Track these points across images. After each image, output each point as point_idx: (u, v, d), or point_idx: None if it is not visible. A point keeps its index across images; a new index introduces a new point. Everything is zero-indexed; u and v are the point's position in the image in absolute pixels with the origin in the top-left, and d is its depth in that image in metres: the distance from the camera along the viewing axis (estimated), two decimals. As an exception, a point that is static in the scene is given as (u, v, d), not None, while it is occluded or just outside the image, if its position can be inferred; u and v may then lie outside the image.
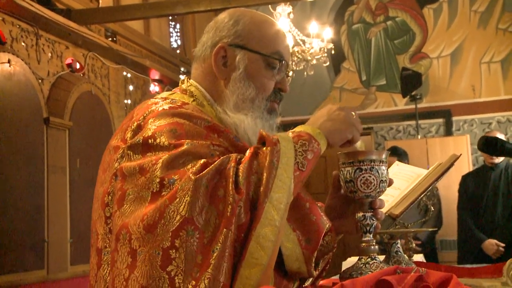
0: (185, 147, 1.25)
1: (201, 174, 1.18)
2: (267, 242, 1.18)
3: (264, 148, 1.27)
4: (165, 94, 1.54)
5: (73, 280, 5.21)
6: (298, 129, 1.37)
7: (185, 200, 1.15)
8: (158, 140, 1.27)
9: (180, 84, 1.58)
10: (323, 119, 1.39)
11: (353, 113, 1.43)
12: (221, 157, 1.24)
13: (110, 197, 1.30)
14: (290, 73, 1.60)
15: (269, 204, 1.20)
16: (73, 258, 5.31)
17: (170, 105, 1.38)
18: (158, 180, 1.21)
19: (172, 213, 1.15)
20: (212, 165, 1.21)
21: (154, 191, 1.20)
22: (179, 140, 1.26)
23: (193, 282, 1.12)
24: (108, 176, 1.34)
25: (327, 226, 1.40)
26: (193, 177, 1.17)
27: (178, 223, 1.14)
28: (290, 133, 1.35)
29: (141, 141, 1.29)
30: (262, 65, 1.49)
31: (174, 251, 1.13)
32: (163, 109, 1.35)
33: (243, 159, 1.24)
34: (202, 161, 1.22)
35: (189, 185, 1.17)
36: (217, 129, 1.36)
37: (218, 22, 1.54)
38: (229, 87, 1.48)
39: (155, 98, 1.47)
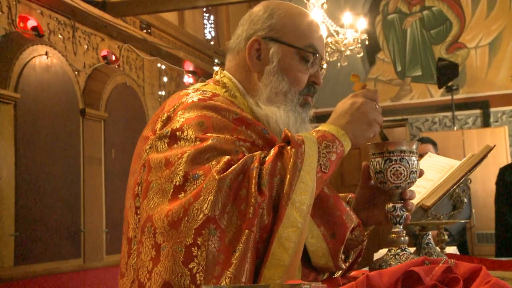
0: (210, 142, 1.25)
1: (225, 174, 1.19)
2: (289, 243, 1.19)
3: (289, 148, 1.26)
4: (198, 85, 1.55)
5: (108, 269, 5.30)
6: (323, 128, 1.37)
7: (208, 199, 1.16)
8: (185, 133, 1.28)
9: (213, 75, 1.58)
10: (347, 118, 1.38)
11: (377, 105, 1.41)
12: (245, 156, 1.24)
13: (139, 187, 1.32)
14: (324, 66, 1.58)
15: (291, 206, 1.20)
16: (108, 248, 5.41)
17: (200, 97, 1.38)
18: (182, 174, 1.22)
19: (196, 211, 1.16)
20: (236, 164, 1.21)
21: (177, 184, 1.22)
22: (205, 133, 1.27)
23: (214, 281, 1.13)
24: (138, 166, 1.36)
25: (354, 222, 1.40)
26: (217, 177, 1.18)
27: (201, 221, 1.15)
28: (314, 133, 1.34)
29: (169, 132, 1.30)
30: (296, 58, 1.48)
31: (196, 248, 1.15)
32: (193, 101, 1.36)
33: (267, 159, 1.24)
34: (226, 158, 1.22)
35: (213, 184, 1.18)
36: (245, 121, 1.36)
37: (252, 15, 1.54)
38: (263, 80, 1.48)
39: (187, 89, 1.48)
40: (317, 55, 1.50)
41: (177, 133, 1.29)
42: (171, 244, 1.17)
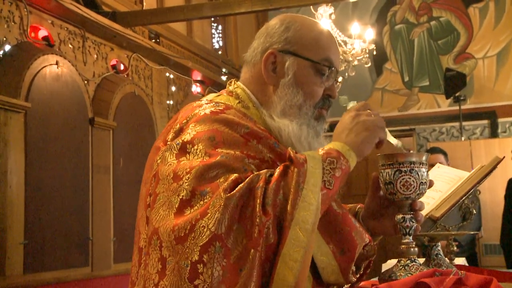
0: (219, 158, 1.26)
1: (232, 193, 1.19)
2: (293, 263, 1.19)
3: (292, 168, 1.26)
4: (211, 96, 1.55)
5: (116, 278, 5.31)
6: (327, 146, 1.37)
7: (215, 217, 1.17)
8: (195, 147, 1.29)
9: (227, 85, 1.59)
10: (346, 133, 1.39)
11: (369, 110, 1.42)
12: (252, 175, 1.24)
13: (150, 198, 1.33)
14: (340, 79, 1.59)
15: (295, 226, 1.20)
16: (116, 256, 5.42)
17: (212, 109, 1.39)
18: (190, 189, 1.23)
19: (202, 228, 1.17)
20: (243, 183, 1.22)
21: (184, 198, 1.22)
22: (215, 149, 1.28)
23: None
24: (150, 176, 1.37)
25: (365, 241, 1.40)
26: (223, 195, 1.19)
27: (207, 239, 1.16)
28: (320, 151, 1.34)
29: (179, 144, 1.31)
30: (312, 72, 1.49)
31: (202, 265, 1.15)
32: (205, 113, 1.37)
33: (272, 178, 1.25)
34: (234, 176, 1.23)
35: (220, 202, 1.18)
36: (257, 135, 1.37)
37: (269, 28, 1.55)
38: (278, 93, 1.48)
39: (201, 100, 1.49)
40: (333, 68, 1.51)
41: (188, 145, 1.30)
42: (176, 259, 1.18)
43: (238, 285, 1.14)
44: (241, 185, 1.21)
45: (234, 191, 1.20)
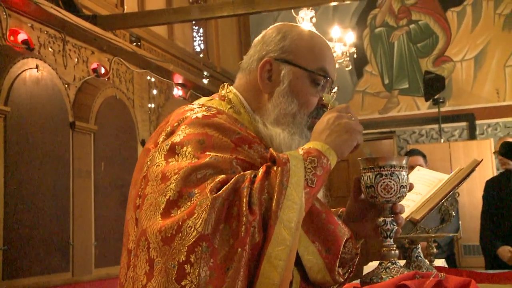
0: (207, 160, 1.27)
1: (218, 193, 1.20)
2: (278, 261, 1.20)
3: (275, 167, 1.28)
4: (203, 100, 1.56)
5: (97, 283, 5.28)
6: (307, 145, 1.38)
7: (202, 217, 1.17)
8: (184, 149, 1.30)
9: (220, 89, 1.59)
10: (326, 132, 1.39)
11: (350, 113, 1.43)
12: (237, 175, 1.25)
13: (139, 199, 1.34)
14: (335, 89, 1.60)
15: (280, 224, 1.21)
16: (98, 261, 5.38)
17: (204, 113, 1.40)
18: (177, 190, 1.23)
19: (189, 228, 1.17)
20: (229, 183, 1.23)
21: (171, 199, 1.23)
22: (204, 152, 1.29)
23: None
24: (139, 178, 1.37)
25: (346, 234, 1.42)
26: (210, 196, 1.20)
27: (194, 239, 1.16)
28: (300, 150, 1.35)
29: (169, 145, 1.32)
30: (307, 81, 1.49)
31: (189, 266, 1.16)
32: (196, 117, 1.38)
33: (256, 178, 1.26)
34: (221, 177, 1.24)
35: (207, 202, 1.19)
36: (248, 140, 1.38)
37: (266, 36, 1.56)
38: (272, 101, 1.49)
39: (193, 104, 1.50)
40: (328, 78, 1.52)
41: (177, 147, 1.31)
42: (164, 260, 1.18)
43: (225, 285, 1.15)
44: (227, 185, 1.22)
45: (221, 191, 1.21)
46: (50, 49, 5.11)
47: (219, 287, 1.15)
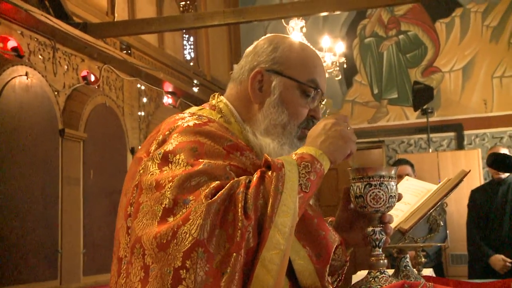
0: (201, 167, 1.28)
1: (213, 199, 1.21)
2: (272, 266, 1.21)
3: (270, 173, 1.29)
4: (193, 109, 1.57)
5: (85, 290, 5.25)
6: (300, 150, 1.39)
7: (197, 223, 1.19)
8: (177, 157, 1.31)
9: (210, 99, 1.60)
10: (321, 138, 1.40)
11: (346, 123, 1.44)
12: (232, 181, 1.26)
13: (131, 208, 1.34)
14: (324, 101, 1.61)
15: (274, 229, 1.23)
16: (86, 269, 5.35)
17: (196, 121, 1.41)
18: (172, 197, 1.24)
19: (185, 234, 1.18)
20: (223, 189, 1.24)
21: (167, 207, 1.24)
22: (197, 159, 1.30)
23: None
24: (131, 187, 1.38)
25: (336, 241, 1.43)
26: (205, 202, 1.21)
27: (189, 244, 1.17)
28: (293, 155, 1.37)
29: (161, 154, 1.33)
30: (297, 92, 1.51)
31: (184, 271, 1.16)
32: (188, 125, 1.39)
33: (251, 184, 1.27)
34: (216, 183, 1.25)
35: (202, 208, 1.20)
36: (239, 147, 1.39)
37: (257, 47, 1.57)
38: (263, 112, 1.50)
39: (183, 113, 1.50)
40: (318, 90, 1.54)
41: (169, 155, 1.32)
42: (159, 266, 1.19)
43: None
44: (222, 191, 1.23)
45: (216, 197, 1.22)
46: (40, 57, 5.10)
47: None
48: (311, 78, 1.53)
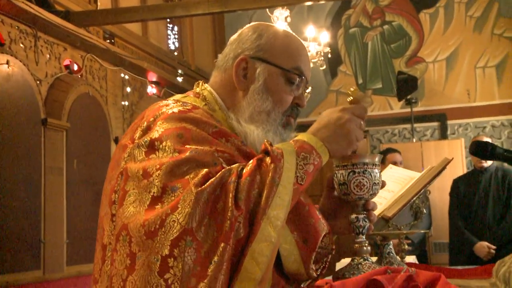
0: (188, 154, 1.26)
1: (203, 187, 1.20)
2: (262, 258, 1.21)
3: (268, 161, 1.28)
4: (178, 96, 1.56)
5: (68, 280, 5.22)
6: (302, 137, 1.38)
7: (186, 211, 1.18)
8: (164, 144, 1.29)
9: (194, 87, 1.59)
10: (328, 131, 1.39)
11: (361, 121, 1.43)
12: (223, 169, 1.25)
13: (116, 195, 1.33)
14: (309, 90, 1.61)
15: (267, 221, 1.22)
16: (69, 259, 5.33)
17: (180, 108, 1.40)
18: (160, 185, 1.23)
19: (173, 222, 1.17)
20: (214, 178, 1.22)
21: (155, 195, 1.23)
22: (184, 145, 1.29)
23: None
24: (115, 174, 1.36)
25: (325, 229, 1.43)
26: (194, 190, 1.19)
27: (177, 233, 1.16)
28: (292, 142, 1.36)
29: (147, 142, 1.31)
30: (282, 80, 1.51)
31: (172, 259, 1.16)
32: (173, 112, 1.37)
33: (244, 172, 1.26)
34: (204, 171, 1.23)
35: (191, 196, 1.19)
36: (225, 134, 1.38)
37: (242, 35, 1.57)
38: (247, 99, 1.50)
39: (168, 100, 1.49)
40: (303, 77, 1.53)
41: (156, 143, 1.30)
42: (146, 254, 1.18)
43: (208, 278, 1.15)
44: (212, 179, 1.22)
45: (205, 185, 1.21)
46: (21, 45, 5.03)
47: (202, 280, 1.15)
48: (295, 66, 1.52)
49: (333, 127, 1.40)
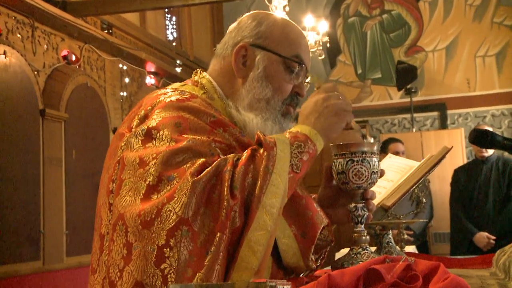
0: (185, 143, 1.26)
1: (199, 176, 1.19)
2: (258, 246, 1.20)
3: (261, 151, 1.27)
4: (176, 84, 1.55)
5: (68, 271, 5.23)
6: (295, 129, 1.38)
7: (182, 201, 1.17)
8: (161, 132, 1.29)
9: (193, 75, 1.58)
10: (314, 116, 1.39)
11: (337, 93, 1.42)
12: (219, 159, 1.24)
13: (113, 184, 1.32)
14: (308, 79, 1.59)
15: (262, 209, 1.21)
16: (69, 250, 5.33)
17: (178, 97, 1.39)
18: (156, 174, 1.22)
19: (169, 212, 1.17)
20: (210, 167, 1.22)
21: (151, 184, 1.22)
22: (181, 134, 1.28)
23: (186, 282, 1.14)
24: (113, 163, 1.35)
25: (323, 222, 1.42)
26: (191, 179, 1.19)
27: (174, 223, 1.16)
28: (287, 134, 1.35)
29: (144, 130, 1.30)
30: (281, 67, 1.50)
31: (168, 249, 1.15)
32: (171, 100, 1.36)
33: (239, 162, 1.25)
34: (201, 160, 1.23)
35: (187, 186, 1.18)
36: (223, 123, 1.37)
37: (241, 23, 1.56)
38: (246, 86, 1.49)
39: (166, 88, 1.48)
40: (303, 66, 1.52)
41: (153, 131, 1.29)
42: (143, 244, 1.18)
43: (204, 268, 1.15)
44: (208, 169, 1.21)
45: (201, 175, 1.20)
46: (18, 35, 5.01)
47: (198, 270, 1.15)
48: (295, 54, 1.51)
49: (315, 109, 1.40)
